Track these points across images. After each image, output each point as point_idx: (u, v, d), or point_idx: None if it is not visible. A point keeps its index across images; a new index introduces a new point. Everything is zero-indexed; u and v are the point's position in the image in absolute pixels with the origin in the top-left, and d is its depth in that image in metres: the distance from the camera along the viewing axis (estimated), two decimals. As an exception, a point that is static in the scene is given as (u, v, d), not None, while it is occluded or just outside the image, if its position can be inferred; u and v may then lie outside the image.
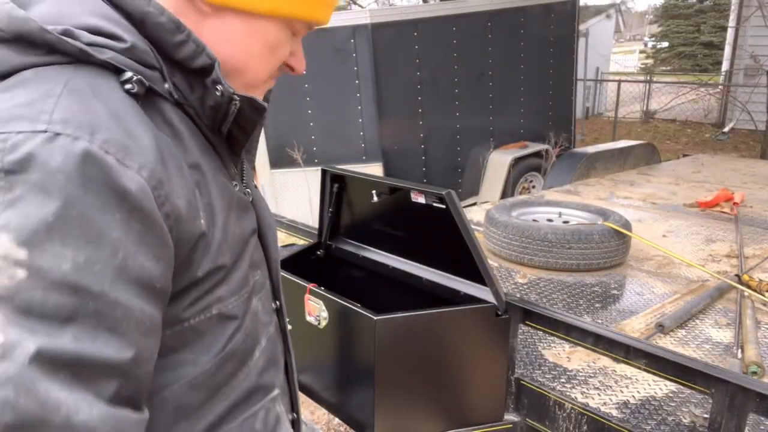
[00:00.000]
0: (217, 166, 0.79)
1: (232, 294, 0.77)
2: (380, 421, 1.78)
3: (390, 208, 2.12)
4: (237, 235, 0.78)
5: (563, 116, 7.59)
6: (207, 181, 0.72)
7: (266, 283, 0.90)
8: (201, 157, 0.74)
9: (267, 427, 0.86)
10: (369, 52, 5.49)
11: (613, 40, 19.12)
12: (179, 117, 0.72)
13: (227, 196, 0.77)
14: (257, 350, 0.84)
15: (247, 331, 0.81)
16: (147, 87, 0.66)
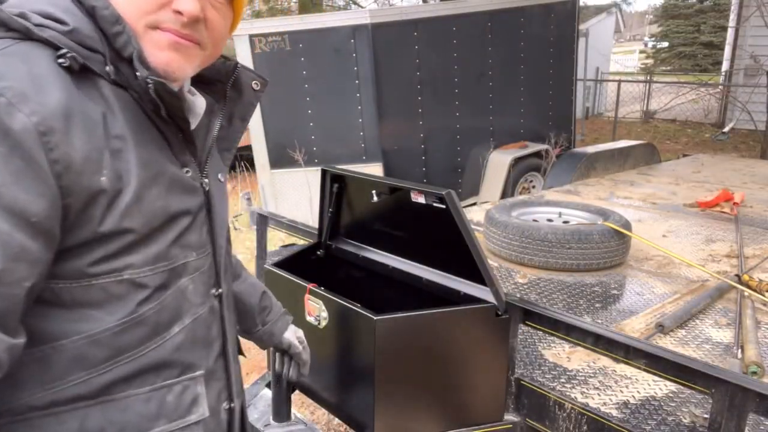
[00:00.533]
0: (157, 142, 0.86)
1: (146, 264, 0.83)
2: (380, 421, 1.78)
3: (390, 208, 2.12)
4: (157, 208, 0.84)
5: (563, 116, 7.59)
6: (129, 151, 0.80)
7: (204, 267, 0.96)
8: (133, 131, 0.81)
9: (181, 404, 0.90)
10: (369, 52, 5.49)
11: (613, 40, 19.12)
12: (117, 95, 0.81)
13: (156, 171, 0.84)
14: (176, 326, 0.89)
15: (165, 304, 0.87)
16: (81, 64, 0.76)
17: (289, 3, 11.74)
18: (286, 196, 5.99)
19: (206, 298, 0.96)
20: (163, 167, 0.86)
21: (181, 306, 0.90)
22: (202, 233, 0.95)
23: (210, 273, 0.97)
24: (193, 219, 0.92)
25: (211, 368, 0.97)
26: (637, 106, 14.78)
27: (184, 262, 0.90)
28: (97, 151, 0.76)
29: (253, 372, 3.55)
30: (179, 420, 0.91)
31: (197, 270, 0.93)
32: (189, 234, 0.91)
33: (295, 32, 5.54)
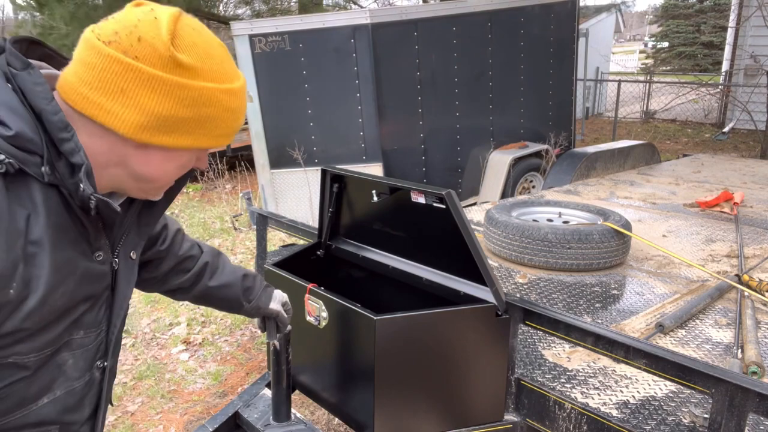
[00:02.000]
0: (75, 239, 0.91)
1: (32, 351, 0.88)
2: (380, 421, 1.77)
3: (390, 208, 2.12)
4: (58, 306, 0.89)
5: (563, 116, 7.59)
6: (43, 257, 0.85)
7: (93, 344, 1.01)
8: (53, 232, 0.86)
9: None
10: (369, 52, 5.49)
11: (613, 40, 19.11)
12: (45, 196, 0.85)
13: (67, 272, 0.89)
14: (45, 397, 0.94)
15: (37, 378, 0.92)
16: (17, 169, 0.81)
17: (289, 3, 11.74)
18: (286, 196, 5.99)
19: (87, 371, 1.01)
20: (76, 265, 0.91)
21: (55, 379, 0.95)
22: (99, 313, 1.00)
23: (98, 348, 1.02)
24: (93, 302, 0.98)
25: (72, 429, 1.02)
26: (637, 106, 14.78)
27: (68, 339, 0.95)
28: (12, 266, 0.81)
29: (253, 372, 3.55)
30: None
31: (81, 347, 0.98)
32: (84, 316, 0.96)
33: (295, 32, 5.54)
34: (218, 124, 0.93)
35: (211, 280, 1.47)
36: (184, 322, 4.20)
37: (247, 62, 5.64)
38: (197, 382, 3.47)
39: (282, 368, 1.90)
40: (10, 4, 11.23)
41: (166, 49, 0.85)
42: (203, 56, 0.89)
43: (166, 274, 1.40)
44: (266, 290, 1.61)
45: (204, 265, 1.46)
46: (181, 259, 1.42)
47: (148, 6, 0.90)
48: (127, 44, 0.85)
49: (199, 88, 0.88)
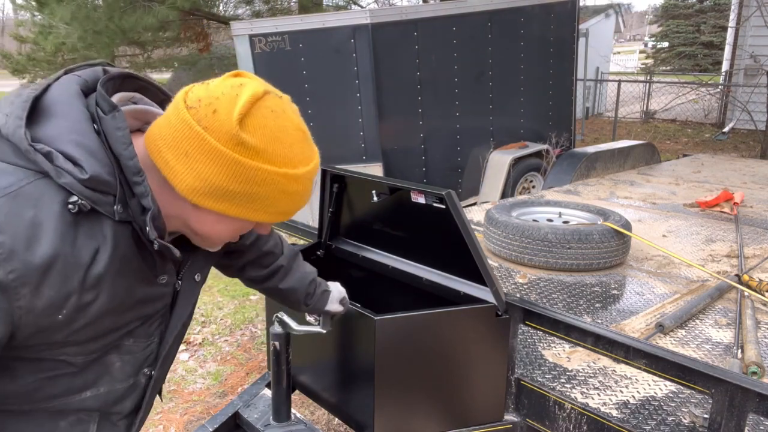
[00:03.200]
0: (139, 267, 0.98)
1: (80, 354, 0.97)
2: (380, 422, 1.77)
3: (390, 208, 2.12)
4: (107, 326, 0.96)
5: (563, 116, 7.59)
6: (102, 288, 0.91)
7: (143, 353, 1.08)
8: (119, 263, 0.93)
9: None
10: (369, 52, 5.49)
11: (613, 40, 19.11)
12: (115, 231, 0.92)
13: (124, 297, 0.96)
14: (89, 392, 1.02)
15: (83, 376, 1.00)
16: (90, 208, 0.88)
17: (289, 3, 11.73)
18: (286, 196, 5.99)
19: (132, 377, 1.08)
20: (134, 292, 0.98)
21: (100, 377, 1.02)
22: (152, 327, 1.07)
23: (146, 357, 1.09)
24: (147, 318, 1.05)
25: (111, 419, 1.09)
26: (637, 106, 14.78)
27: (119, 344, 1.02)
28: (65, 296, 0.87)
29: (253, 372, 3.55)
30: None
31: (130, 353, 1.05)
32: (138, 329, 1.04)
33: (295, 32, 5.54)
34: (272, 203, 0.97)
35: (281, 282, 1.56)
36: (184, 322, 4.20)
37: (247, 62, 5.64)
38: (197, 382, 3.47)
39: (282, 368, 1.90)
40: (9, 3, 11.21)
41: (233, 126, 0.89)
42: (270, 139, 0.93)
43: (245, 265, 1.49)
44: (323, 295, 1.66)
45: (279, 267, 1.54)
46: (262, 254, 1.50)
47: (240, 80, 0.95)
48: (203, 114, 0.90)
49: (256, 168, 0.92)
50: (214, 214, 0.96)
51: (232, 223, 1.00)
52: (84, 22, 8.14)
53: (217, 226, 1.00)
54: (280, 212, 1.01)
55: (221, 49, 12.23)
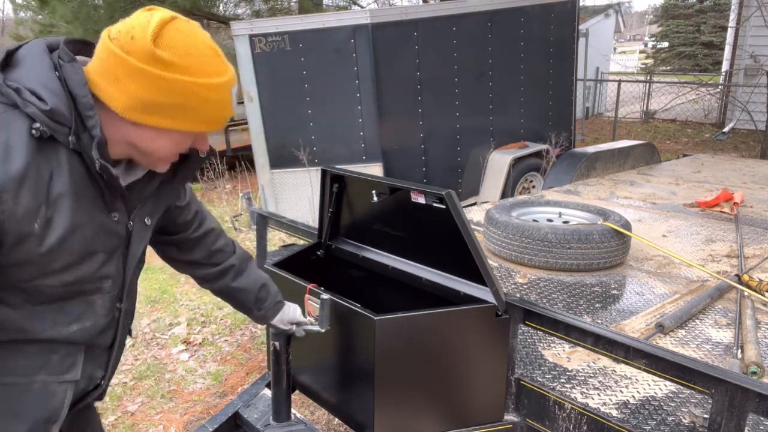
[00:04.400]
0: (93, 198, 1.15)
1: (60, 284, 1.14)
2: (380, 422, 1.78)
3: (390, 208, 2.12)
4: (77, 248, 1.13)
5: (563, 116, 7.59)
6: (63, 205, 1.08)
7: (115, 290, 1.27)
8: (73, 187, 1.10)
9: (62, 365, 1.21)
10: (369, 52, 5.49)
11: (613, 40, 19.11)
12: (70, 159, 1.09)
13: (84, 220, 1.13)
14: (75, 325, 1.20)
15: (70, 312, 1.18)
16: (48, 135, 1.05)
17: (289, 3, 11.73)
18: (286, 196, 5.99)
19: (111, 311, 1.28)
20: (92, 216, 1.15)
21: (84, 313, 1.22)
22: (118, 266, 1.25)
23: (118, 294, 1.29)
24: (110, 255, 1.22)
25: (95, 351, 1.28)
26: (637, 106, 14.78)
27: (99, 285, 1.22)
28: (37, 206, 1.04)
29: (253, 372, 3.55)
30: (57, 375, 1.21)
31: (108, 293, 1.25)
32: (105, 267, 1.21)
33: (295, 32, 5.54)
34: (196, 111, 1.12)
35: (233, 282, 1.65)
36: (184, 322, 4.20)
37: (247, 62, 5.64)
38: (197, 382, 3.47)
39: (282, 368, 1.90)
40: (9, 3, 11.22)
41: (148, 45, 1.05)
42: (183, 54, 1.08)
43: (196, 262, 1.61)
44: (276, 305, 1.76)
45: (230, 266, 1.64)
46: (212, 252, 1.61)
47: (152, 11, 1.11)
48: (123, 41, 1.07)
49: (174, 79, 1.07)
50: (150, 130, 1.12)
51: (168, 137, 1.14)
52: (85, 21, 8.14)
53: (156, 140, 1.14)
54: (204, 120, 1.15)
55: (221, 48, 12.22)
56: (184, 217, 1.53)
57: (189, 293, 4.73)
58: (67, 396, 1.23)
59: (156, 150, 1.16)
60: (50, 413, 1.21)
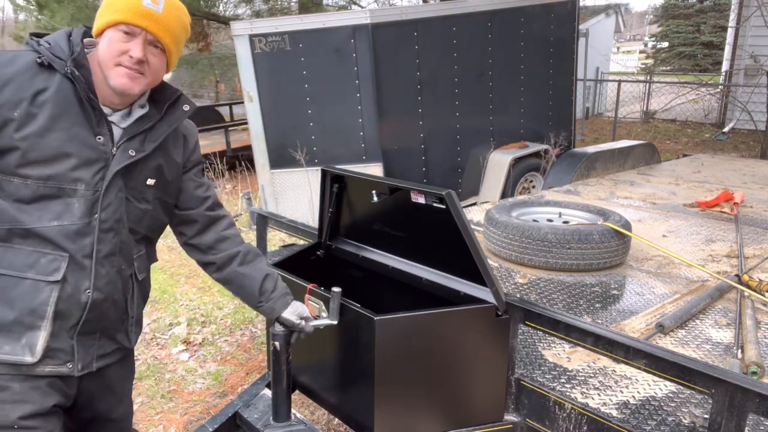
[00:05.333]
0: (77, 115, 1.44)
1: (39, 178, 1.41)
2: (380, 422, 1.78)
3: (390, 208, 2.12)
4: (53, 144, 1.41)
5: (563, 116, 7.59)
6: (46, 109, 1.40)
7: (92, 198, 1.46)
8: (60, 102, 1.42)
9: (48, 267, 1.43)
10: (369, 52, 5.49)
11: (613, 40, 19.11)
12: (62, 83, 1.43)
13: (63, 125, 1.42)
14: (55, 222, 1.43)
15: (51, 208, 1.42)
16: (47, 64, 1.42)
17: (289, 3, 11.73)
18: (286, 196, 5.99)
19: (87, 216, 1.46)
20: (72, 126, 1.43)
21: (63, 212, 1.44)
22: (96, 176, 1.46)
23: (94, 203, 1.47)
24: (85, 163, 1.44)
25: (77, 260, 1.46)
26: (637, 106, 14.78)
27: (74, 188, 1.44)
28: (19, 100, 1.38)
29: (253, 372, 3.55)
30: (44, 275, 1.43)
31: (83, 197, 1.45)
32: (80, 171, 1.44)
33: (295, 32, 5.54)
34: (112, 4, 1.45)
35: (238, 266, 1.75)
36: (184, 322, 4.20)
37: (247, 62, 5.64)
38: (197, 382, 3.47)
39: (282, 368, 1.90)
40: (10, 4, 11.21)
41: None
42: None
43: (207, 245, 1.74)
44: (284, 298, 1.80)
45: (237, 252, 1.75)
46: (221, 237, 1.74)
47: None
48: None
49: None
50: (101, 39, 1.46)
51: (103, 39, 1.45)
52: (85, 23, 8.12)
53: (102, 45, 1.45)
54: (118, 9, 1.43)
55: (221, 49, 12.24)
56: (200, 192, 1.72)
57: (189, 293, 4.73)
58: (51, 295, 1.43)
59: (100, 55, 1.44)
60: (36, 306, 1.42)
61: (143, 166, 1.55)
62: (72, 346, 1.49)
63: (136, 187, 1.55)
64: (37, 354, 1.43)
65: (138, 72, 1.46)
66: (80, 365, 1.52)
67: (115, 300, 1.56)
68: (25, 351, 1.42)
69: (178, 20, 1.51)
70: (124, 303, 1.60)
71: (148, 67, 1.48)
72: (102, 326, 1.55)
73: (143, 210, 1.58)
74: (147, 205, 1.59)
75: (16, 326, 1.42)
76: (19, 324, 1.42)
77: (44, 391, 1.47)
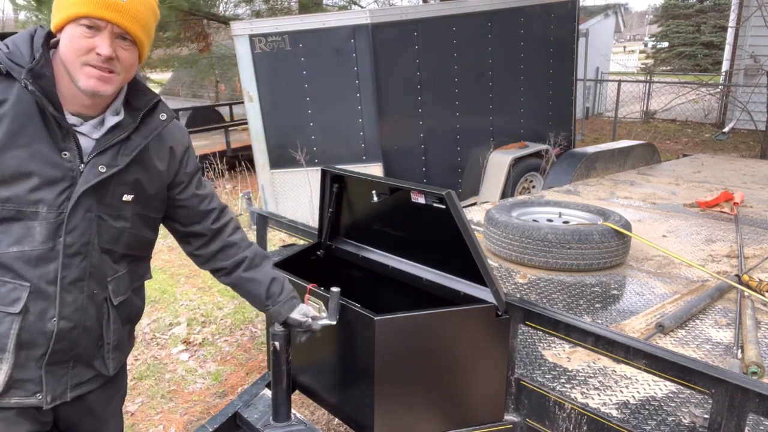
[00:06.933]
0: (39, 131, 1.31)
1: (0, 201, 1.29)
2: (380, 422, 1.78)
3: (390, 208, 2.12)
4: (11, 165, 1.28)
5: (563, 116, 7.59)
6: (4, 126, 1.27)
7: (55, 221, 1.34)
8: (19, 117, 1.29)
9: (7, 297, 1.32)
10: (369, 52, 5.49)
11: (613, 40, 19.11)
12: (21, 94, 1.29)
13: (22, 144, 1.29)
14: (14, 247, 1.31)
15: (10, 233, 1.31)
16: (5, 73, 1.29)
17: (289, 3, 11.73)
18: (286, 196, 5.99)
19: (51, 241, 1.34)
20: (33, 142, 1.30)
21: (24, 238, 1.32)
22: (59, 199, 1.34)
23: (58, 226, 1.35)
24: (48, 183, 1.32)
25: (40, 288, 1.34)
26: (637, 106, 14.77)
27: (35, 210, 1.32)
28: None
29: (253, 372, 3.55)
30: (3, 306, 1.32)
31: (46, 220, 1.33)
32: (42, 192, 1.31)
33: (295, 32, 5.54)
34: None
35: (244, 272, 1.71)
36: (184, 322, 4.20)
37: (247, 62, 5.64)
38: (197, 382, 3.47)
39: (282, 368, 1.90)
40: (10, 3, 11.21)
41: None
42: None
43: (213, 254, 1.69)
44: (291, 301, 1.78)
45: (244, 257, 1.71)
46: (227, 244, 1.69)
47: None
48: None
49: None
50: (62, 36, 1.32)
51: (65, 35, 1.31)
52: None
53: (64, 43, 1.31)
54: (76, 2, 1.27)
55: (221, 49, 12.23)
56: (203, 206, 1.63)
57: (189, 293, 4.73)
58: (12, 327, 1.33)
59: (63, 54, 1.31)
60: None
61: (118, 182, 1.42)
62: (40, 376, 1.39)
63: (111, 204, 1.42)
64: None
65: (108, 71, 1.31)
66: (50, 397, 1.41)
67: (87, 327, 1.43)
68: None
69: (146, 5, 1.35)
70: (99, 329, 1.47)
71: (119, 63, 1.32)
72: (74, 354, 1.44)
73: (119, 228, 1.45)
74: (124, 222, 1.45)
75: None
76: None
77: (12, 420, 1.38)
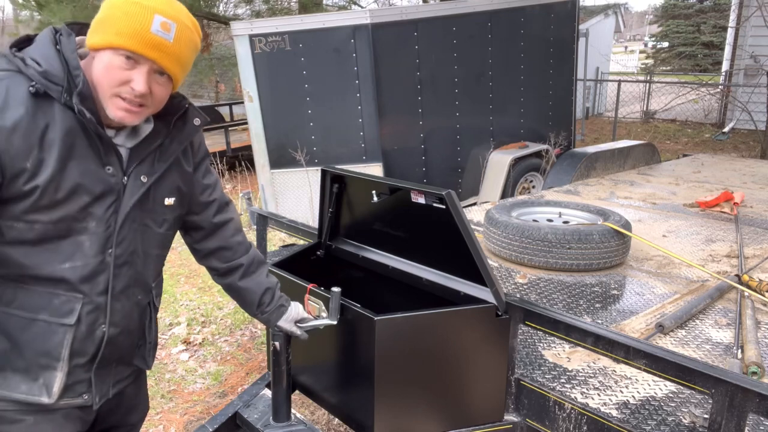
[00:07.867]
0: (85, 149, 1.31)
1: (50, 221, 1.29)
2: (380, 422, 1.78)
3: (390, 208, 2.12)
4: (66, 187, 1.28)
5: (563, 116, 7.59)
6: (54, 150, 1.26)
7: (104, 234, 1.37)
8: (65, 137, 1.27)
9: (61, 309, 1.35)
10: (369, 52, 5.49)
11: (613, 40, 19.11)
12: (63, 113, 1.27)
13: (72, 165, 1.29)
14: (68, 263, 1.34)
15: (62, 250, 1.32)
16: (42, 92, 1.25)
17: (289, 3, 11.74)
18: (286, 196, 5.99)
19: (100, 254, 1.38)
20: (82, 161, 1.30)
21: (75, 253, 1.34)
22: (108, 213, 1.36)
23: (107, 239, 1.38)
24: (97, 198, 1.34)
25: (92, 299, 1.38)
26: (637, 106, 14.77)
27: (84, 225, 1.34)
28: (29, 147, 1.23)
29: (253, 372, 3.55)
30: (57, 317, 1.35)
31: (95, 234, 1.36)
32: (92, 207, 1.33)
33: (295, 32, 5.54)
34: (115, 22, 1.27)
35: (239, 280, 1.73)
36: (184, 322, 4.20)
37: (247, 62, 5.64)
38: (197, 382, 3.47)
39: (282, 368, 1.90)
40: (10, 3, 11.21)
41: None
42: None
43: (210, 251, 1.70)
44: (279, 309, 1.80)
45: (239, 264, 1.72)
46: (225, 245, 1.70)
47: None
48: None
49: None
50: (96, 57, 1.30)
51: (99, 59, 1.29)
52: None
53: (95, 65, 1.29)
54: (120, 32, 1.26)
55: (221, 49, 12.24)
56: (205, 196, 1.63)
57: (189, 293, 4.73)
58: (66, 337, 1.36)
59: (95, 76, 1.29)
60: (50, 348, 1.36)
61: (157, 187, 1.45)
62: (89, 379, 1.44)
63: (154, 210, 1.46)
64: (54, 395, 1.37)
65: (139, 104, 1.32)
66: (98, 397, 1.47)
67: (131, 330, 1.50)
68: (42, 391, 1.36)
69: (190, 44, 1.35)
70: (142, 330, 1.55)
71: (151, 98, 1.33)
72: (118, 356, 1.50)
73: (163, 233, 1.51)
74: (167, 226, 1.52)
75: (32, 366, 1.36)
76: (35, 365, 1.36)
77: (59, 423, 1.43)
